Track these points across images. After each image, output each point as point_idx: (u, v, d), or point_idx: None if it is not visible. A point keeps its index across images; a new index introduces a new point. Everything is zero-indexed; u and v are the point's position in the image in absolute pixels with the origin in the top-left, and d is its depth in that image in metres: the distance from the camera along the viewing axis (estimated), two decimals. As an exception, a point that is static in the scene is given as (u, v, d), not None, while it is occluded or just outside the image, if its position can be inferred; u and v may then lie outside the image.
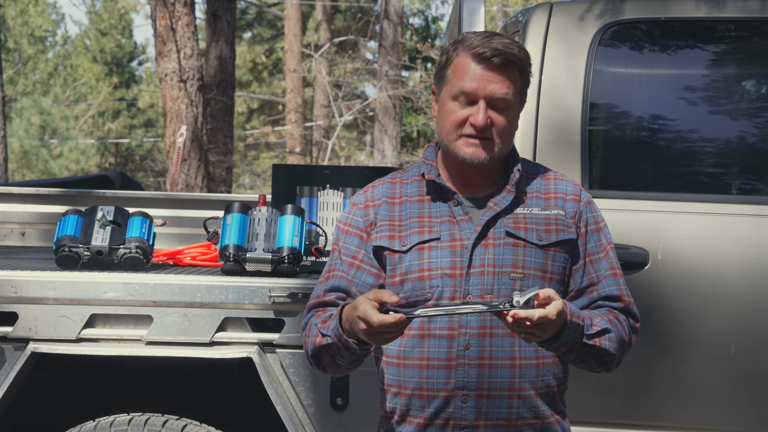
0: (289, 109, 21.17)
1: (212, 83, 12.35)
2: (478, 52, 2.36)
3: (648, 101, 3.45)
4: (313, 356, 2.43)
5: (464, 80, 2.37)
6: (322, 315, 2.43)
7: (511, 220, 2.41)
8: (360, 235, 2.47)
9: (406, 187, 2.49)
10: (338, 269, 2.47)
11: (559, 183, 2.50)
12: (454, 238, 2.39)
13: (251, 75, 29.01)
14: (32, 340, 3.14)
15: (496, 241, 2.38)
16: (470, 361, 2.35)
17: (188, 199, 4.52)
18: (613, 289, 2.47)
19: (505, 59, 2.36)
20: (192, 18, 9.91)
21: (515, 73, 2.39)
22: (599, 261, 2.48)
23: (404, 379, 2.40)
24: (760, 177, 3.39)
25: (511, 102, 2.39)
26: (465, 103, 2.37)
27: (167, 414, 3.22)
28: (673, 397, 3.23)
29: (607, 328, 2.37)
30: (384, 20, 15.20)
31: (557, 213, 2.44)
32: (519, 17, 3.66)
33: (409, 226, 2.43)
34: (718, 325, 3.19)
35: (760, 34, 3.48)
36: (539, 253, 2.39)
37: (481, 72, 2.36)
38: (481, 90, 2.36)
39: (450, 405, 2.36)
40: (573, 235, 2.44)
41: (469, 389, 2.35)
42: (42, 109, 29.56)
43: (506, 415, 2.36)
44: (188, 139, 9.89)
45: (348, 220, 2.51)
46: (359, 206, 2.50)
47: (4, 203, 4.50)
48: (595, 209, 2.51)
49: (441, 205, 2.44)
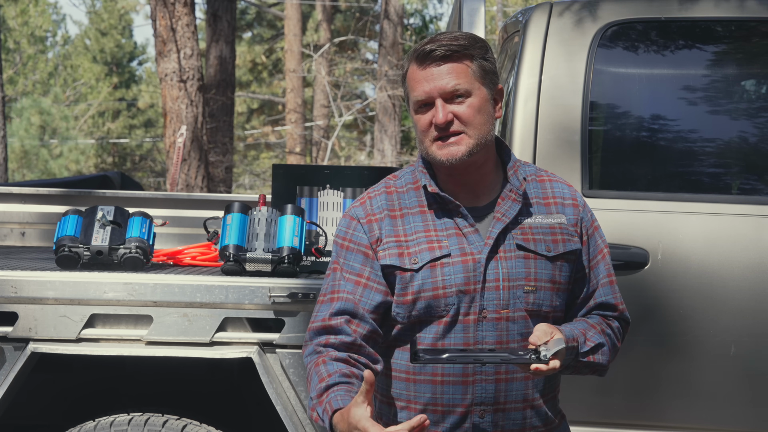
0: (289, 109, 21.17)
1: (212, 83, 12.35)
2: (418, 54, 2.36)
3: (648, 101, 3.45)
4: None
5: (416, 90, 2.36)
6: (323, 369, 2.30)
7: (519, 231, 2.38)
8: (365, 252, 2.40)
9: (404, 197, 2.44)
10: (342, 290, 2.39)
11: (555, 185, 2.48)
12: (464, 252, 2.35)
13: (251, 75, 29.01)
14: (32, 340, 3.14)
15: (507, 254, 2.36)
16: (487, 377, 2.34)
17: (188, 199, 4.52)
18: (609, 298, 2.49)
19: (447, 49, 2.33)
20: (192, 18, 9.90)
21: (465, 62, 2.35)
22: (597, 265, 2.49)
23: (414, 394, 2.38)
24: (760, 177, 3.39)
25: (468, 89, 2.34)
26: (426, 109, 2.36)
27: (167, 414, 3.22)
28: (674, 397, 3.23)
29: (601, 342, 2.42)
30: (384, 20, 15.20)
31: (560, 221, 2.42)
32: (519, 17, 3.66)
33: (417, 242, 2.37)
34: (719, 325, 3.19)
35: (760, 34, 3.47)
36: (548, 265, 2.38)
37: (426, 73, 2.34)
38: (432, 90, 2.34)
39: (467, 420, 2.35)
40: (578, 245, 2.43)
41: (486, 404, 2.34)
42: (42, 109, 29.57)
43: (521, 426, 2.38)
44: (188, 139, 9.89)
45: (349, 236, 2.43)
46: (361, 221, 2.42)
47: (4, 203, 4.50)
48: (589, 209, 2.51)
49: (445, 218, 2.39)
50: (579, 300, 2.49)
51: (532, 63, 3.37)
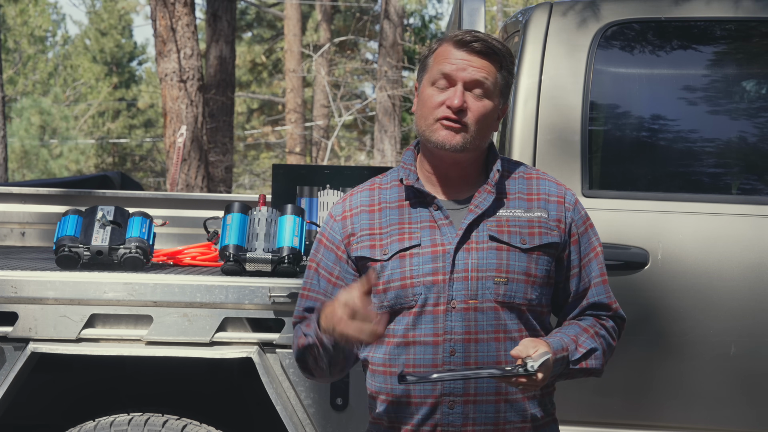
0: (289, 109, 21.17)
1: (212, 83, 12.35)
2: (458, 38, 2.38)
3: (648, 101, 3.45)
4: (297, 358, 2.44)
5: (443, 64, 2.37)
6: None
7: (494, 222, 2.39)
8: (336, 252, 2.46)
9: (386, 193, 2.47)
10: (314, 290, 2.48)
11: (542, 183, 2.47)
12: (435, 243, 2.37)
13: (251, 75, 29.02)
14: (32, 340, 3.14)
15: (479, 245, 2.36)
16: (456, 368, 2.33)
17: (188, 199, 4.52)
18: (602, 297, 2.49)
19: (486, 46, 2.37)
20: (192, 18, 9.91)
21: (495, 65, 2.38)
22: (589, 263, 2.48)
23: (391, 387, 2.39)
24: (760, 177, 3.39)
25: (489, 90, 2.37)
26: (443, 88, 2.37)
27: (167, 414, 3.22)
28: (673, 397, 3.23)
29: (594, 347, 2.41)
30: (384, 20, 15.21)
31: (540, 215, 2.42)
32: (519, 17, 3.66)
33: (390, 234, 2.41)
34: (718, 325, 3.19)
35: (759, 34, 3.48)
36: (523, 257, 2.38)
37: (461, 55, 2.37)
38: (459, 71, 2.35)
39: (437, 411, 2.35)
40: (556, 239, 2.42)
41: (455, 395, 2.34)
42: (42, 109, 29.58)
43: (494, 419, 2.36)
44: (188, 139, 9.89)
45: (327, 234, 2.50)
46: (337, 218, 2.48)
47: (4, 203, 4.50)
48: (581, 208, 2.50)
49: (421, 211, 2.41)
50: (571, 299, 2.48)
51: (532, 63, 3.37)
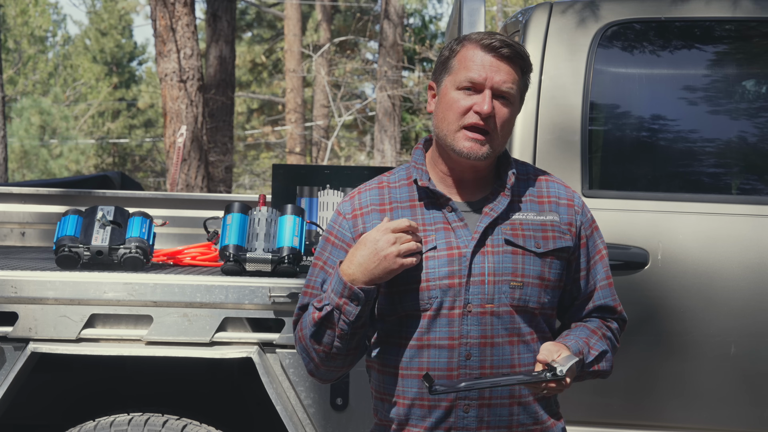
0: (289, 109, 21.17)
1: (212, 83, 12.35)
2: (486, 43, 2.37)
3: (648, 101, 3.45)
4: (312, 337, 2.37)
5: (472, 69, 2.36)
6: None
7: (509, 226, 2.39)
8: (345, 249, 2.42)
9: (395, 192, 2.45)
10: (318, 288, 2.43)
11: (552, 186, 2.48)
12: (451, 246, 2.36)
13: (251, 75, 29.02)
14: (32, 340, 3.14)
15: (495, 248, 2.36)
16: (472, 371, 2.33)
17: (188, 199, 4.52)
18: (608, 300, 2.51)
19: (514, 51, 2.37)
20: (192, 18, 9.91)
21: (520, 70, 2.39)
22: (595, 266, 2.50)
23: (403, 389, 2.39)
24: (760, 177, 3.39)
25: (514, 98, 2.38)
26: (470, 93, 2.36)
27: (167, 414, 3.22)
28: (674, 397, 3.23)
29: (605, 350, 2.43)
30: (384, 20, 15.21)
31: (552, 219, 2.43)
32: (519, 17, 3.66)
33: None
34: (719, 325, 3.19)
35: (759, 34, 3.48)
36: (537, 261, 2.38)
37: (490, 61, 2.36)
38: (489, 79, 2.35)
39: (452, 415, 2.35)
40: (569, 243, 2.43)
41: (471, 398, 2.34)
42: (42, 109, 29.57)
43: (507, 422, 2.37)
44: (188, 139, 9.89)
45: (334, 231, 2.46)
46: (347, 216, 2.45)
47: (4, 203, 4.50)
48: (588, 211, 2.52)
49: (434, 212, 2.40)
50: (577, 301, 2.49)
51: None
